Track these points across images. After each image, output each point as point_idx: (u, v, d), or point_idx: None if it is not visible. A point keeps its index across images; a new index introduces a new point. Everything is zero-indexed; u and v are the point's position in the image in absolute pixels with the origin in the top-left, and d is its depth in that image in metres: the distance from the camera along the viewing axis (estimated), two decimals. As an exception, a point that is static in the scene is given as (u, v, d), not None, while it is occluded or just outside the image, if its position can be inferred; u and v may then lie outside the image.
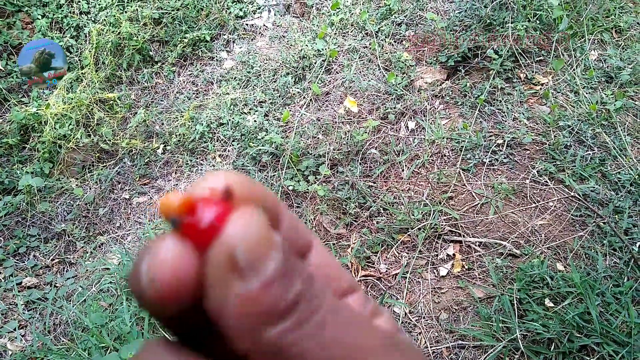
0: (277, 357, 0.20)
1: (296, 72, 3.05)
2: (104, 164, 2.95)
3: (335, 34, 3.17)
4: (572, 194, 2.25)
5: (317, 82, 2.93)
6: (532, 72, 2.79)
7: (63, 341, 2.18)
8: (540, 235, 2.17)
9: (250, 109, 2.98)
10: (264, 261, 0.20)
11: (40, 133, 2.86)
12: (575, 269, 1.97)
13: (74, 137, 2.87)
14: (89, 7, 3.39)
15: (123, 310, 2.09)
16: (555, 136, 2.48)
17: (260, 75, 3.11)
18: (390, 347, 0.23)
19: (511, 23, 2.74)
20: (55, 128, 2.85)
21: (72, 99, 2.95)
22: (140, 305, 0.22)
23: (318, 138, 2.71)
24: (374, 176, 2.53)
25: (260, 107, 2.96)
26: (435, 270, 2.19)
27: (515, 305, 1.94)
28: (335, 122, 2.75)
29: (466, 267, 2.17)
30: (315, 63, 3.05)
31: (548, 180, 2.36)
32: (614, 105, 2.49)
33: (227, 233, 0.20)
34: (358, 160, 2.59)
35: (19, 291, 2.45)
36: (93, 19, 3.34)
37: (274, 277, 0.20)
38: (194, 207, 0.20)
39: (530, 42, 2.79)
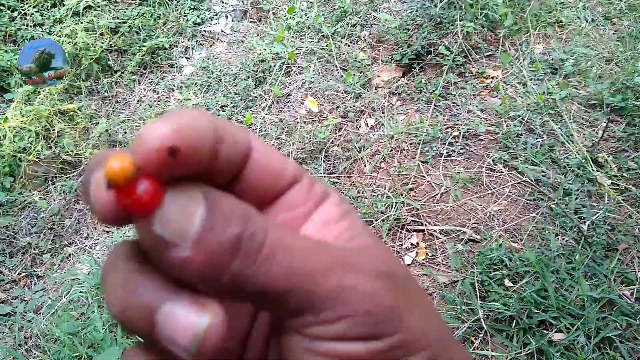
0: (240, 291, 0.22)
1: (256, 75, 3.10)
2: (67, 175, 2.93)
3: (293, 37, 3.23)
4: (525, 179, 2.37)
5: (278, 85, 2.99)
6: (483, 66, 2.92)
7: (35, 354, 2.16)
8: (498, 220, 2.28)
9: (212, 114, 3.00)
10: (187, 229, 0.21)
11: (-2, 147, 2.82)
12: (531, 249, 2.09)
13: (34, 150, 2.83)
14: (42, 19, 3.35)
15: (95, 318, 2.09)
16: (507, 126, 2.61)
17: (220, 80, 3.15)
18: (339, 266, 0.24)
19: (460, 21, 2.86)
20: (14, 141, 2.81)
21: (30, 111, 2.92)
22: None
23: (282, 138, 2.77)
24: (337, 172, 2.60)
25: (223, 111, 3.00)
26: (401, 260, 2.28)
27: (477, 287, 2.04)
28: (298, 122, 2.82)
29: (430, 254, 2.26)
30: (274, 66, 3.10)
31: (502, 168, 2.48)
32: (559, 94, 2.64)
33: (155, 218, 0.21)
34: (322, 158, 2.66)
35: (-15, 308, 2.41)
36: (48, 31, 3.31)
37: (200, 236, 0.21)
38: (131, 177, 0.20)
39: (479, 39, 2.92)
